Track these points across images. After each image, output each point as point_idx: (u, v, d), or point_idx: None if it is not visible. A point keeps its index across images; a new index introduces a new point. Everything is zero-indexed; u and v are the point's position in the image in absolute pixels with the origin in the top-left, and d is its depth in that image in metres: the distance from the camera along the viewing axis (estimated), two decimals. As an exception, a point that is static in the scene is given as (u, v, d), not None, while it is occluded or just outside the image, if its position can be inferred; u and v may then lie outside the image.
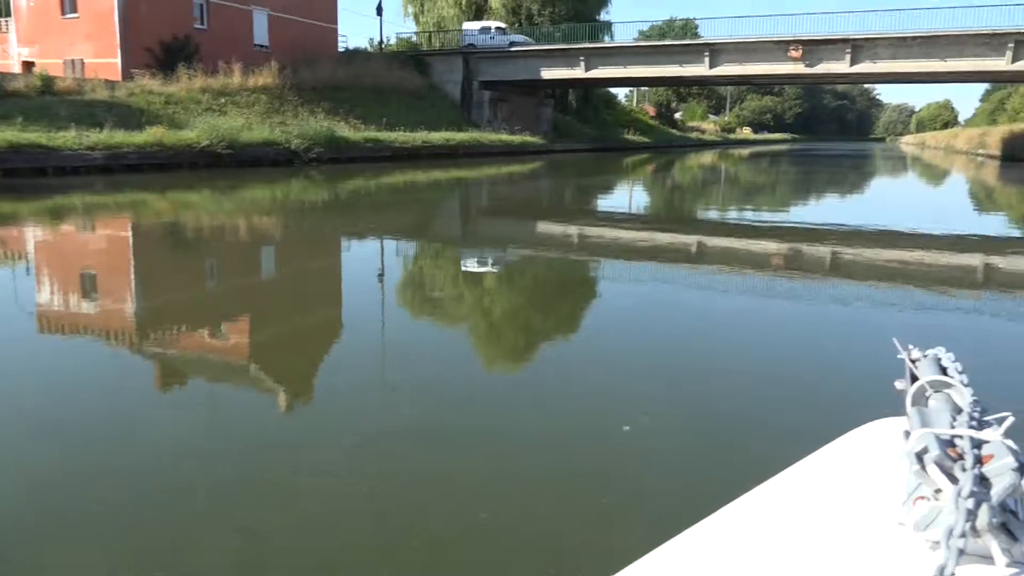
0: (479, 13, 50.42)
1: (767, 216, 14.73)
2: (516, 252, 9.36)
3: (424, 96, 38.84)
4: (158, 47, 29.84)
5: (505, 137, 36.28)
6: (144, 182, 17.45)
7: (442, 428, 3.46)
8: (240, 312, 6.08)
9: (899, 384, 1.01)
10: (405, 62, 40.69)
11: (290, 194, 17.34)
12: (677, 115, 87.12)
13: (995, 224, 14.57)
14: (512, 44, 39.89)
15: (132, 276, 7.70)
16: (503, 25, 42.92)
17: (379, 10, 42.06)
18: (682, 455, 3.21)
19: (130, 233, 10.77)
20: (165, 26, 30.43)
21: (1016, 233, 12.84)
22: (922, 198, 21.57)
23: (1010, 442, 0.75)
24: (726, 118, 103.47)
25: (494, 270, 8.28)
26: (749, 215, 14.64)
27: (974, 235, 11.56)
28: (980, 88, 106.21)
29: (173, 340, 5.07)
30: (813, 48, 34.17)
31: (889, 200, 20.84)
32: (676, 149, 60.05)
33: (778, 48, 34.69)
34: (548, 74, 39.85)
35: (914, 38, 32.24)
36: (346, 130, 27.99)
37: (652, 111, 78.19)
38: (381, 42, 44.11)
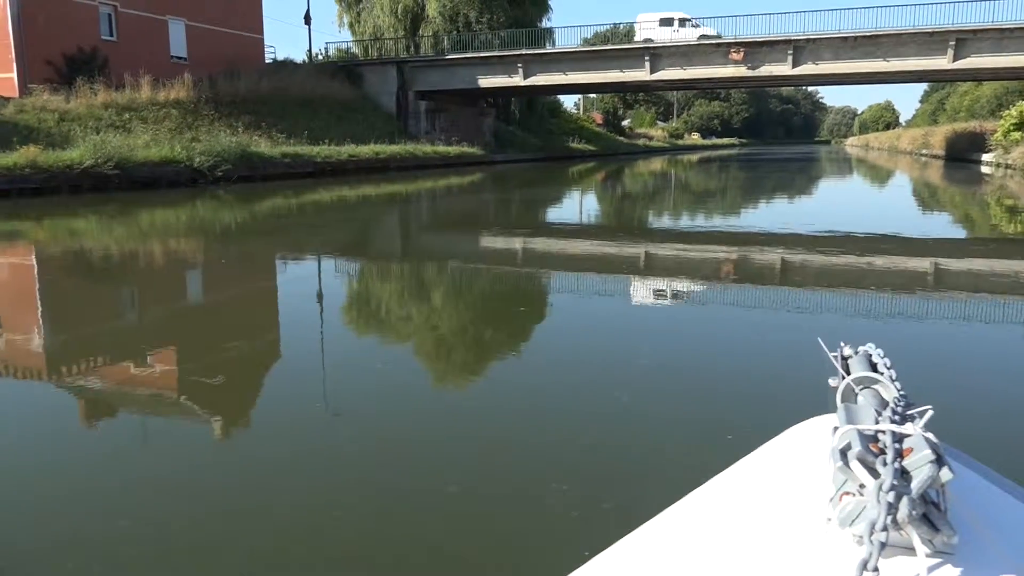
0: (416, 21, 48.80)
1: (716, 223, 14.24)
2: (456, 269, 8.93)
3: (357, 108, 37.01)
4: (61, 60, 27.60)
5: (441, 149, 34.63)
6: (14, 208, 15.41)
7: (388, 453, 3.33)
8: (138, 348, 5.34)
9: (832, 381, 1.02)
10: (336, 73, 38.83)
11: (195, 217, 15.53)
12: (625, 122, 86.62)
13: (943, 225, 14.34)
14: (702, 38, 36.38)
15: (31, 312, 6.77)
16: (688, 16, 40.27)
17: (307, 19, 40.21)
18: (628, 461, 3.19)
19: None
20: (69, 38, 28.15)
21: (962, 234, 12.67)
22: (871, 201, 20.56)
23: (930, 435, 0.78)
24: (674, 124, 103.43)
25: (432, 289, 7.89)
26: (697, 222, 14.26)
27: (922, 237, 11.32)
28: (920, 89, 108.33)
29: (78, 380, 4.62)
30: (754, 50, 33.27)
31: (838, 204, 19.83)
32: (623, 156, 59.03)
33: (719, 51, 33.73)
34: (486, 82, 38.35)
35: (856, 38, 31.52)
36: (266, 145, 26.07)
37: (599, 119, 77.41)
38: (311, 52, 42.12)
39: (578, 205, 20.00)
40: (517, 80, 37.54)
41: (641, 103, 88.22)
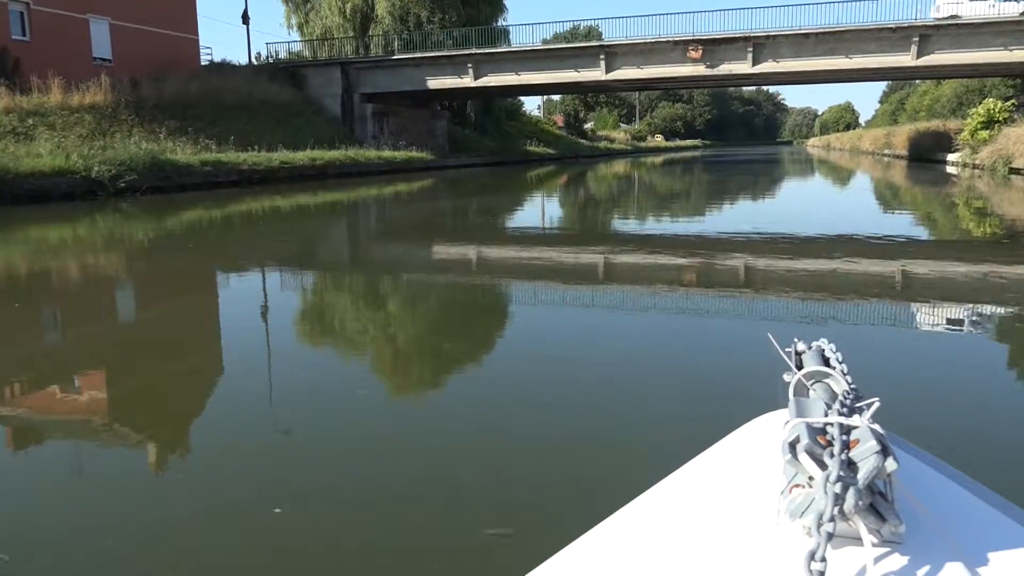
0: (365, 22, 46.87)
1: (679, 227, 13.75)
2: (397, 284, 8.31)
3: (298, 112, 34.92)
4: (-36, 62, 25.28)
5: (387, 154, 32.67)
6: None
7: (341, 471, 3.17)
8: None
9: (787, 376, 1.04)
10: (276, 75, 36.72)
11: (94, 233, 13.57)
12: (588, 125, 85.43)
13: (910, 228, 13.70)
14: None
15: None
16: None
17: (245, 18, 38.00)
18: (587, 462, 3.17)
19: None
20: (-26, 38, 25.87)
21: (930, 236, 12.31)
22: (836, 203, 19.15)
23: (876, 426, 0.79)
24: (637, 126, 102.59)
25: (377, 304, 7.40)
26: (661, 227, 13.82)
27: (888, 239, 10.87)
28: (879, 90, 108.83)
29: None
30: (713, 48, 31.90)
31: (803, 207, 18.45)
32: (584, 159, 57.56)
33: (677, 49, 32.29)
34: (435, 84, 36.51)
35: (817, 34, 30.29)
36: (191, 152, 23.96)
37: (561, 121, 76.04)
38: (250, 54, 39.91)
39: (534, 211, 18.30)
40: (467, 81, 35.76)
41: (603, 105, 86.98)
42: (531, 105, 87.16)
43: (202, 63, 38.04)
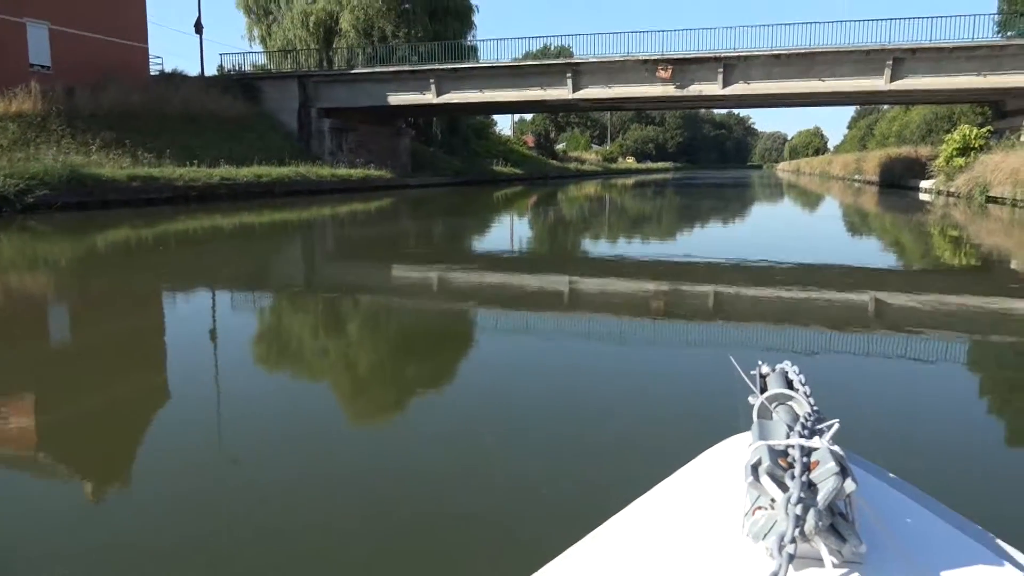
0: (329, 35, 45.47)
1: (649, 251, 13.43)
2: (345, 308, 7.86)
3: (251, 126, 33.28)
4: None
5: (342, 171, 31.08)
6: None
7: (287, 506, 2.95)
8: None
9: (752, 399, 1.05)
10: (230, 87, 35.06)
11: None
12: (560, 145, 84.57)
13: (886, 258, 13.42)
14: None
15: None
16: None
17: (198, 27, 36.32)
18: (561, 485, 3.09)
19: None
20: None
21: (905, 267, 11.96)
22: (810, 231, 18.00)
23: (836, 448, 0.80)
24: (608, 148, 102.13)
25: (315, 334, 6.79)
26: (629, 251, 13.44)
27: (863, 268, 10.85)
28: (847, 116, 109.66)
29: None
30: (683, 68, 30.88)
31: (775, 234, 17.29)
32: (553, 180, 56.38)
33: (645, 68, 31.24)
34: (396, 99, 35.09)
35: (789, 56, 29.42)
36: (127, 165, 22.22)
37: (531, 141, 75.02)
38: (203, 64, 38.18)
39: (496, 234, 16.82)
40: (429, 97, 34.38)
41: (574, 125, 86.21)
42: (503, 124, 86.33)
43: (152, 73, 36.26)
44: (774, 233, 18.09)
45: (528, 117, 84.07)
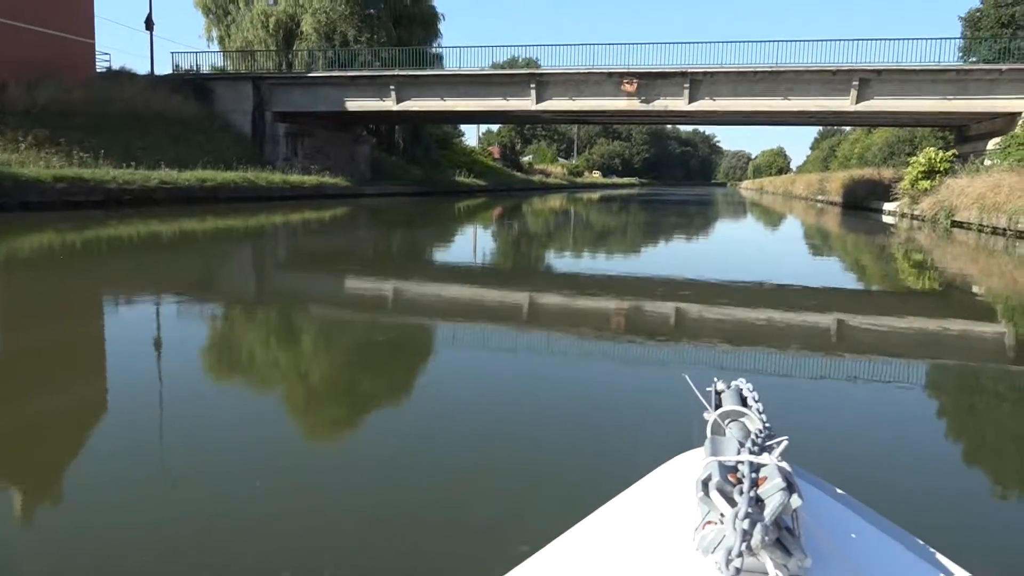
0: (289, 37, 44.18)
1: (611, 268, 13.11)
2: (307, 322, 7.38)
3: (201, 128, 31.87)
4: None
5: (294, 178, 29.81)
6: None
7: (234, 528, 2.83)
8: None
9: (707, 415, 1.08)
10: (180, 87, 33.59)
11: None
12: (527, 158, 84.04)
13: (850, 280, 13.14)
14: None
15: None
16: None
17: (148, 24, 34.82)
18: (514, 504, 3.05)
19: None
20: None
21: (867, 288, 11.81)
22: (773, 251, 17.34)
23: (784, 464, 0.83)
24: (574, 161, 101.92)
25: (276, 344, 6.35)
26: (592, 266, 13.13)
27: (825, 289, 10.70)
28: (811, 136, 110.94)
29: None
30: (649, 82, 30.27)
31: (736, 253, 16.62)
32: (517, 193, 55.56)
33: (610, 81, 30.56)
34: (354, 105, 33.93)
35: (756, 72, 28.96)
36: (56, 166, 20.75)
37: (497, 152, 74.32)
38: (152, 62, 36.65)
39: (452, 249, 15.76)
40: (389, 104, 33.30)
41: (540, 138, 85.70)
42: (470, 135, 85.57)
43: (98, 70, 34.65)
44: (738, 253, 17.38)
45: (495, 128, 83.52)
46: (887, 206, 31.42)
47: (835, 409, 4.67)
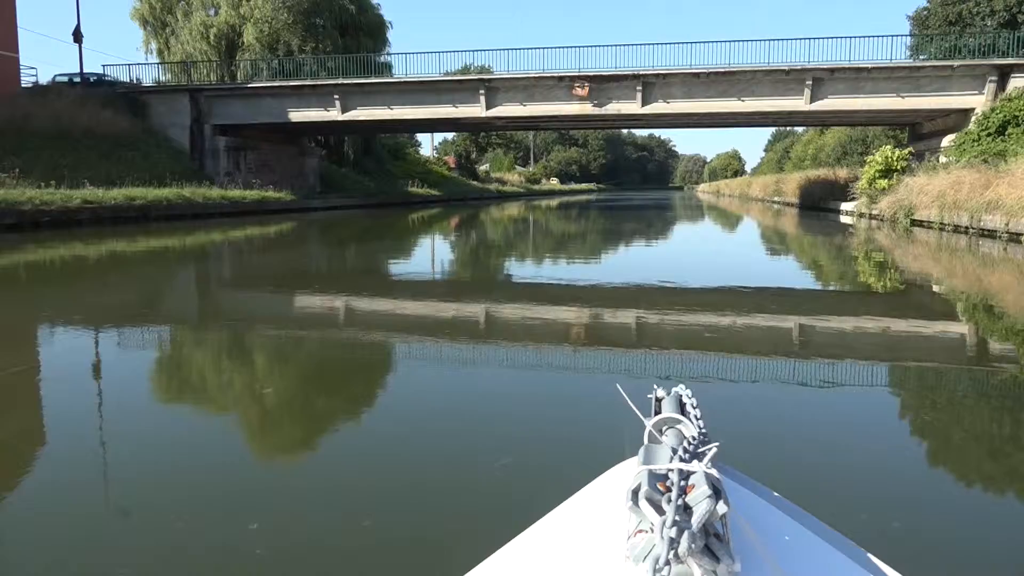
0: (232, 48, 42.68)
1: (569, 275, 12.78)
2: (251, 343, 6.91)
3: (135, 144, 30.28)
4: None
5: (234, 193, 28.41)
6: None
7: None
8: None
9: (648, 422, 1.09)
10: (112, 101, 31.94)
11: None
12: (484, 167, 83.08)
13: (809, 281, 12.89)
14: None
15: None
16: None
17: (76, 36, 33.12)
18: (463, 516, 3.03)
19: None
20: None
21: (830, 290, 11.57)
22: (734, 254, 16.62)
23: (712, 471, 0.84)
24: (531, 169, 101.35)
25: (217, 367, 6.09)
26: (547, 275, 12.88)
27: (785, 292, 10.51)
28: (765, 139, 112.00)
29: None
30: (601, 86, 29.55)
31: (696, 257, 15.92)
32: (473, 202, 54.53)
33: (561, 85, 29.77)
34: (297, 116, 32.64)
35: (709, 74, 28.41)
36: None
37: (453, 162, 73.24)
38: (82, 76, 34.81)
39: (402, 264, 14.64)
40: (334, 114, 32.07)
41: (496, 146, 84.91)
42: (428, 146, 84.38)
43: (24, 85, 32.88)
44: (697, 255, 16.63)
45: (451, 137, 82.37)
46: (845, 206, 31.12)
47: (787, 413, 4.66)
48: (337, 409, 4.86)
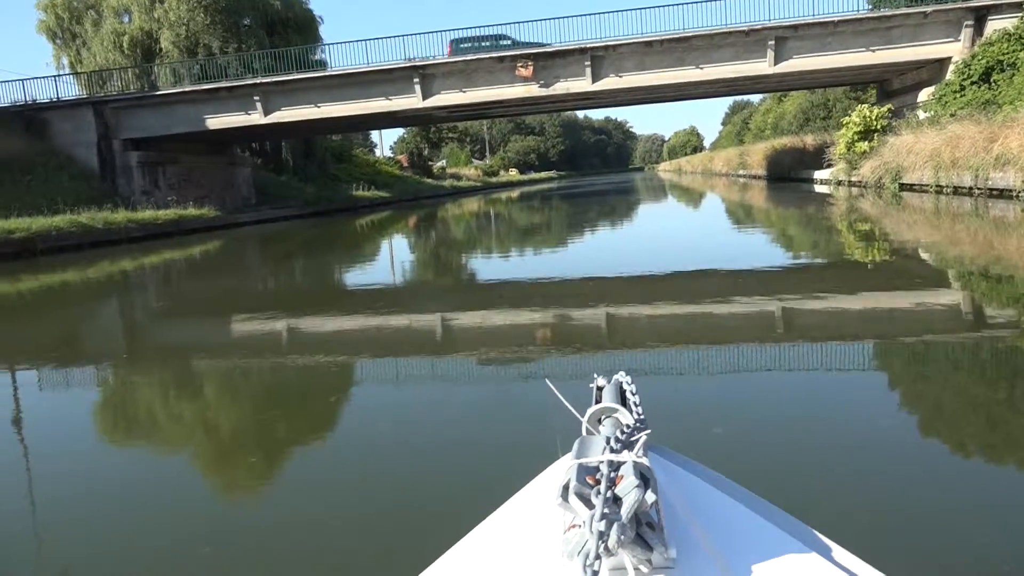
0: (148, 55, 39.29)
1: (534, 271, 11.95)
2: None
3: (31, 167, 26.95)
4: None
5: (145, 215, 25.25)
6: None
7: None
8: None
9: (584, 415, 1.07)
10: (6, 121, 28.56)
11: None
12: (441, 163, 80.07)
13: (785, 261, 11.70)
14: None
15: None
16: None
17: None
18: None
19: None
20: None
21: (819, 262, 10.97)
22: (704, 235, 14.17)
23: (641, 459, 0.82)
24: (489, 161, 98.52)
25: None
26: (510, 271, 12.35)
27: (755, 270, 9.63)
28: (722, 112, 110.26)
29: None
30: (546, 63, 26.89)
31: (670, 240, 13.86)
32: (427, 201, 51.60)
33: (503, 66, 27.05)
34: (216, 122, 29.53)
35: (663, 41, 25.90)
36: None
37: (406, 161, 70.12)
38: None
39: (351, 278, 11.87)
40: (256, 118, 29.01)
41: (448, 141, 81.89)
42: (384, 145, 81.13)
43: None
44: (665, 240, 14.22)
45: (404, 134, 79.05)
46: (819, 174, 28.85)
47: (742, 397, 4.34)
48: (268, 437, 4.50)
